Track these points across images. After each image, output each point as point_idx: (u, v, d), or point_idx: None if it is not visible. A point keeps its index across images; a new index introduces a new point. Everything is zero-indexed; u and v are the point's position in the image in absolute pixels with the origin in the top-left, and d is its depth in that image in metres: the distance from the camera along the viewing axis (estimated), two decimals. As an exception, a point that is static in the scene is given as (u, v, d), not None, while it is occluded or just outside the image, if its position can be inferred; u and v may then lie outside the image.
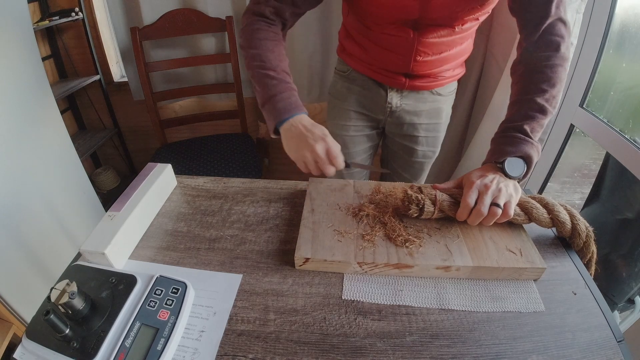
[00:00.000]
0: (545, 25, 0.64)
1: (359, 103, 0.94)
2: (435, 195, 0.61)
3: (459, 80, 0.95)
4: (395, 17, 0.73)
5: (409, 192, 0.62)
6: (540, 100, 0.63)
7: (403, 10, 0.71)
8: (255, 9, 0.72)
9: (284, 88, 0.68)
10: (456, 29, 0.74)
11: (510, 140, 0.63)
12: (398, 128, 0.95)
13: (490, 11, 0.74)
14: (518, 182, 0.63)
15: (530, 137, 0.63)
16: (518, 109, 0.65)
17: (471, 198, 0.58)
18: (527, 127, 0.63)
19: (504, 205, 0.58)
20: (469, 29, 0.78)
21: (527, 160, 0.62)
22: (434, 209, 0.60)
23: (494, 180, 0.60)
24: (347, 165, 0.67)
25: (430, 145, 0.99)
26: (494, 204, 0.58)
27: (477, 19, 0.74)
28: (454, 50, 0.81)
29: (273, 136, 0.70)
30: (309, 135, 0.64)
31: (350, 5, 0.79)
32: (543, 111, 0.63)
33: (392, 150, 1.04)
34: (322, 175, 0.66)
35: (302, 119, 0.67)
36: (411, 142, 0.97)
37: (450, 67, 0.86)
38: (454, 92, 0.96)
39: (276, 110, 0.66)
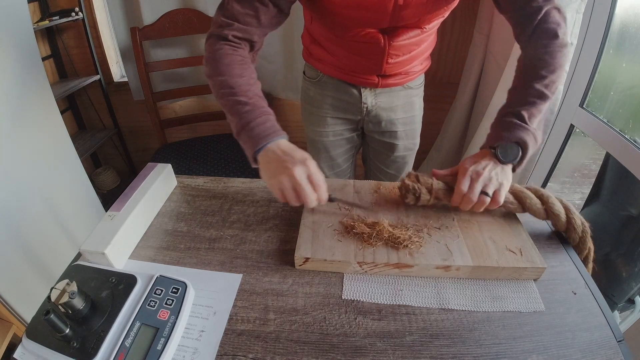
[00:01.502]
0: (537, 19, 0.64)
1: (335, 107, 0.93)
2: (432, 185, 0.62)
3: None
4: (365, 26, 0.72)
5: (407, 181, 0.63)
6: (539, 86, 0.63)
7: (373, 22, 0.71)
8: (219, 34, 0.66)
9: (259, 113, 0.62)
10: (424, 29, 0.75)
11: (506, 125, 0.63)
12: (377, 126, 0.96)
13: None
14: (514, 169, 0.63)
15: (527, 123, 0.62)
16: (516, 94, 0.65)
17: (464, 185, 0.60)
18: (524, 113, 0.62)
19: (494, 193, 0.59)
20: (435, 26, 0.78)
21: (522, 145, 0.62)
22: (430, 197, 0.62)
23: (486, 167, 0.61)
24: (331, 200, 0.62)
25: (410, 137, 1.00)
26: (483, 192, 0.59)
27: (443, 16, 0.75)
28: (422, 47, 0.82)
29: (254, 166, 0.63)
30: (288, 159, 0.58)
31: (315, 14, 0.77)
32: (542, 96, 0.63)
33: (373, 148, 1.04)
34: (301, 205, 0.59)
35: (281, 144, 0.61)
36: (391, 137, 0.97)
37: (418, 62, 0.87)
38: (423, 84, 0.98)
39: (252, 138, 0.60)
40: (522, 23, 0.66)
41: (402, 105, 0.93)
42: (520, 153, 0.62)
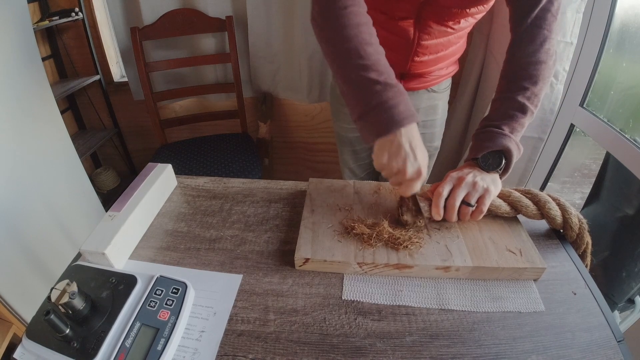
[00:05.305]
0: (533, 15, 0.63)
1: None
2: (430, 218, 0.61)
3: (453, 77, 0.96)
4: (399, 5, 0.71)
5: (407, 217, 0.61)
6: (521, 98, 0.63)
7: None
8: None
9: (393, 94, 0.56)
10: (455, 28, 0.74)
11: (488, 135, 0.63)
12: None
13: (488, 9, 0.73)
14: (500, 177, 0.63)
15: (509, 135, 0.62)
16: (498, 107, 0.65)
17: (444, 189, 0.59)
18: (505, 127, 0.62)
19: (478, 201, 0.59)
20: (466, 28, 0.78)
21: (506, 153, 0.62)
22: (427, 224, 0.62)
23: (469, 174, 0.60)
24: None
25: (428, 141, 0.99)
26: (466, 202, 0.58)
27: (475, 18, 0.74)
28: (449, 50, 0.82)
29: (370, 143, 0.60)
30: (410, 156, 0.56)
31: None
32: (523, 110, 0.63)
33: None
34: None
35: (411, 134, 0.57)
36: None
37: (444, 65, 0.86)
38: (449, 88, 0.97)
39: (385, 119, 0.56)
40: (518, 17, 0.64)
41: (424, 109, 0.93)
42: (504, 160, 0.61)
